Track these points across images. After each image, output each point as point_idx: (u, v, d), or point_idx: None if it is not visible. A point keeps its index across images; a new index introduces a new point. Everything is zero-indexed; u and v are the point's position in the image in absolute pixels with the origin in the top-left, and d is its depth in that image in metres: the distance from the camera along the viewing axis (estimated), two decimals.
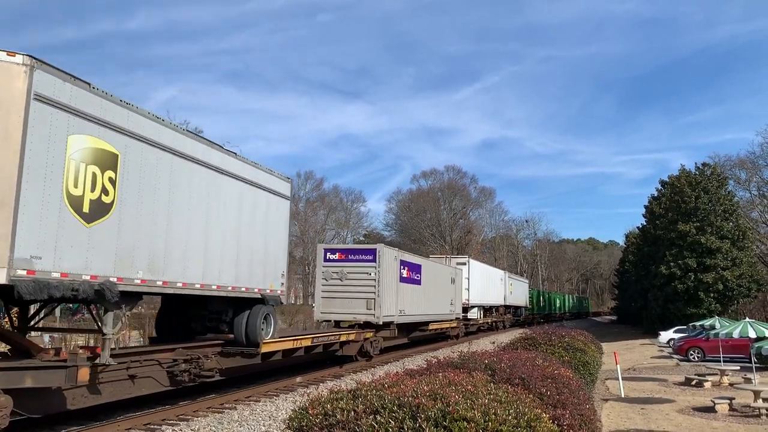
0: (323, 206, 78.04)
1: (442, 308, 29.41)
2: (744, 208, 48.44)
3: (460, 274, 34.42)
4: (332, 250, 22.06)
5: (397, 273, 22.72)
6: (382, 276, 21.01)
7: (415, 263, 25.72)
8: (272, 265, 14.98)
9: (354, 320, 21.10)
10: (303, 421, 4.98)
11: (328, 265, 21.62)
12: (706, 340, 26.25)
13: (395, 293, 22.41)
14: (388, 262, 21.77)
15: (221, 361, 13.33)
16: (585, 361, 13.06)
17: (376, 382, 5.72)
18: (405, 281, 23.79)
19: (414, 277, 25.03)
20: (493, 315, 44.48)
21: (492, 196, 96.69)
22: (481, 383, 5.78)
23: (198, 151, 12.07)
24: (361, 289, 20.95)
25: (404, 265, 23.84)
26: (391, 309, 21.71)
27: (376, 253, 21.17)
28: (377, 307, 20.69)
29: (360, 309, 20.83)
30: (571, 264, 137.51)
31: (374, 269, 20.93)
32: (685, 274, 39.09)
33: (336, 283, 21.32)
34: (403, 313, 23.14)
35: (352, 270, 21.19)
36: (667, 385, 18.64)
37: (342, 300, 21.18)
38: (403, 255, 24.49)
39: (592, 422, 6.53)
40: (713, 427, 12.12)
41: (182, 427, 10.88)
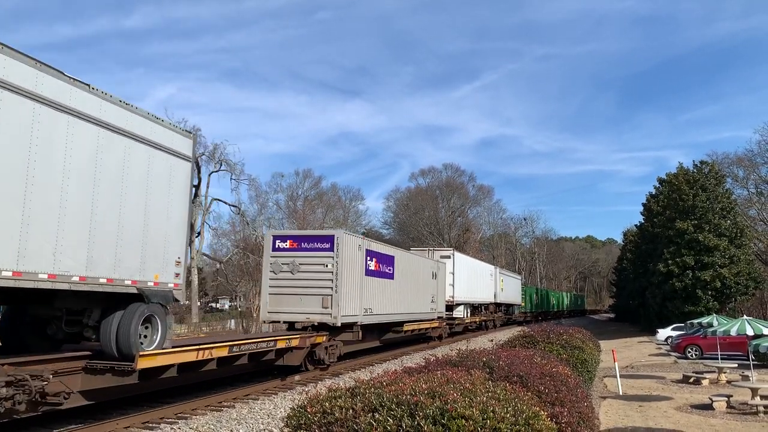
0: (321, 204, 77.97)
1: (420, 306, 26.48)
2: (742, 205, 48.49)
3: (444, 268, 31.15)
4: (282, 237, 18.86)
5: (362, 265, 19.52)
6: (342, 268, 17.89)
7: (386, 254, 22.43)
8: (158, 248, 11.12)
9: (307, 321, 18.01)
10: (302, 420, 4.98)
11: (278, 255, 18.46)
12: (703, 338, 26.31)
13: (359, 289, 19.25)
14: (350, 252, 18.68)
15: (86, 380, 10.11)
16: (583, 359, 13.07)
17: (375, 381, 5.72)
18: (373, 275, 20.56)
19: (385, 270, 21.88)
20: (482, 313, 41.72)
21: (490, 194, 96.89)
22: (480, 381, 5.79)
23: (12, 75, 8.27)
24: (315, 284, 17.83)
25: (371, 256, 20.58)
26: (353, 307, 18.69)
27: (333, 241, 17.98)
28: (334, 305, 17.54)
29: (314, 308, 17.72)
30: (569, 262, 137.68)
31: (332, 260, 17.77)
32: (683, 272, 39.14)
33: (286, 277, 18.17)
34: (370, 312, 20.06)
35: (306, 261, 18.08)
36: (665, 383, 18.68)
37: (293, 297, 17.98)
38: (371, 244, 21.10)
39: (590, 420, 6.54)
40: (711, 425, 12.15)
41: (181, 425, 10.88)
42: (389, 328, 23.47)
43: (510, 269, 73.28)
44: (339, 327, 17.92)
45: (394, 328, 23.65)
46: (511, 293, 51.85)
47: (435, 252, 33.38)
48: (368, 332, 21.04)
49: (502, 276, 47.45)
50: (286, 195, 77.07)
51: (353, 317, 18.75)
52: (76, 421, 10.87)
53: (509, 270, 65.39)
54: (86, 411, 11.35)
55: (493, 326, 44.62)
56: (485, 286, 41.32)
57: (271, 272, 18.42)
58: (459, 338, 33.96)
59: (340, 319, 17.68)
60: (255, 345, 14.43)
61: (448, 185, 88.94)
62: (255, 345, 14.43)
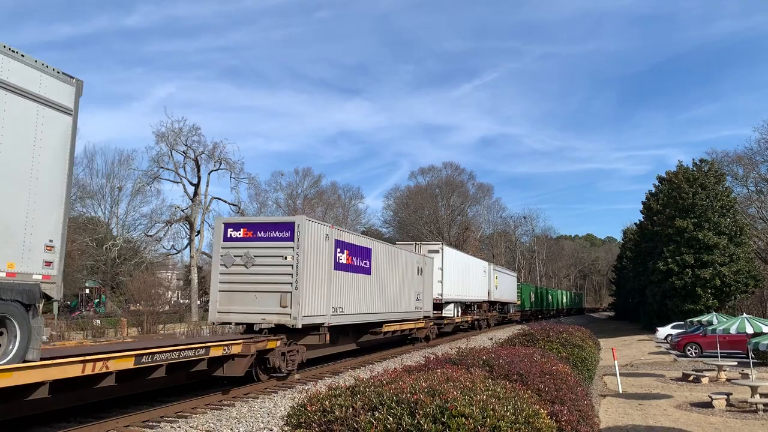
0: (321, 203, 77.98)
1: (404, 305, 24.13)
2: (741, 204, 48.48)
3: (431, 263, 28.73)
4: (235, 225, 16.64)
5: (330, 257, 17.33)
6: (305, 260, 15.65)
7: (361, 246, 20.01)
8: (12, 226, 8.27)
9: (263, 322, 15.79)
10: (301, 418, 4.98)
11: (230, 246, 16.22)
12: (703, 336, 26.30)
13: (327, 285, 17.00)
14: (315, 242, 16.45)
15: None
16: (583, 357, 13.09)
17: (375, 379, 5.72)
18: (344, 269, 18.34)
19: (360, 264, 19.60)
20: (475, 312, 39.46)
21: (490, 192, 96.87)
22: (479, 379, 5.79)
23: None
24: (272, 279, 15.59)
25: (342, 248, 18.30)
26: (319, 306, 16.47)
27: (294, 229, 15.71)
28: (294, 303, 15.23)
29: (271, 307, 15.45)
30: (568, 260, 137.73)
31: (292, 251, 15.53)
32: (683, 270, 39.16)
33: (239, 271, 15.92)
34: (340, 311, 17.84)
35: (262, 252, 15.83)
36: (664, 381, 18.69)
37: (247, 294, 15.76)
38: (341, 233, 18.64)
39: (590, 418, 6.54)
40: (711, 423, 12.16)
41: (181, 424, 10.88)
42: (367, 330, 21.20)
43: (509, 267, 73.25)
44: (300, 329, 15.63)
45: (373, 329, 21.32)
46: (507, 291, 49.81)
47: (422, 246, 30.82)
48: (341, 334, 19.17)
49: (496, 273, 45.52)
50: (286, 194, 77.13)
51: (319, 317, 16.52)
52: (76, 419, 10.88)
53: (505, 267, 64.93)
54: (86, 410, 11.36)
55: (487, 326, 43.04)
56: (478, 284, 39.16)
57: (222, 266, 16.13)
58: (449, 339, 32.14)
59: (301, 320, 15.34)
60: (176, 353, 11.52)
61: (447, 184, 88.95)
62: (176, 353, 11.52)
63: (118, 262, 55.25)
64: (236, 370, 13.77)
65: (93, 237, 52.72)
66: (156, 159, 52.03)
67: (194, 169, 53.43)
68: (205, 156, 52.78)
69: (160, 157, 52.09)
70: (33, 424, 10.20)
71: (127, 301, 48.02)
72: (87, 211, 58.90)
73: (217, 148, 53.04)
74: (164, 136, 51.07)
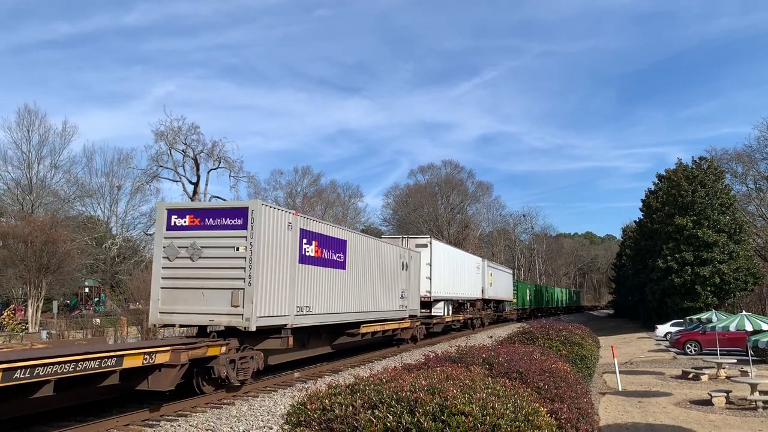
0: (320, 202, 78.05)
1: (386, 303, 22.16)
2: (741, 201, 48.49)
3: (418, 258, 26.78)
4: (180, 212, 14.46)
5: (294, 249, 15.29)
6: (261, 252, 13.67)
7: (334, 237, 17.90)
8: None
9: (211, 324, 14.07)
10: (301, 416, 4.98)
11: (174, 236, 14.22)
12: (703, 334, 26.32)
13: (289, 281, 14.99)
14: (274, 231, 14.45)
15: None
16: (582, 355, 13.10)
17: (374, 377, 5.72)
18: (312, 263, 16.28)
19: (331, 257, 17.61)
20: (467, 311, 37.63)
21: (489, 190, 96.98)
22: (479, 377, 5.80)
23: None
24: (222, 274, 13.65)
25: (310, 238, 16.26)
26: (279, 305, 14.49)
27: (247, 215, 13.74)
28: (247, 302, 13.28)
29: (220, 306, 13.51)
30: (568, 258, 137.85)
31: (244, 241, 13.60)
32: (682, 268, 39.18)
33: (184, 265, 13.97)
34: (307, 311, 15.87)
35: (211, 243, 13.88)
36: (664, 379, 18.70)
37: (193, 292, 13.77)
38: (309, 222, 16.46)
39: (589, 416, 6.55)
40: (710, 420, 12.17)
41: (180, 422, 10.89)
42: (343, 331, 19.31)
43: (508, 265, 73.14)
44: (255, 332, 13.70)
45: (350, 330, 19.40)
46: (502, 288, 47.85)
47: (409, 240, 28.81)
48: (312, 336, 17.60)
49: (490, 269, 43.62)
50: (285, 192, 77.19)
51: (278, 318, 14.49)
52: (76, 418, 10.89)
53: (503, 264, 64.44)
54: (87, 409, 11.37)
55: (481, 325, 41.15)
56: (471, 280, 37.17)
57: (165, 258, 14.18)
58: (439, 339, 30.40)
59: (255, 322, 13.36)
60: (71, 365, 9.29)
61: (447, 182, 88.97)
62: (71, 365, 9.29)
63: (118, 261, 55.27)
64: (163, 383, 11.54)
65: (92, 236, 52.71)
66: (155, 158, 52.11)
67: (193, 167, 53.51)
68: (205, 155, 52.85)
69: (159, 155, 52.16)
70: (33, 423, 10.20)
71: (127, 300, 48.03)
72: (86, 210, 59.00)
73: (217, 147, 53.10)
74: (163, 134, 51.14)
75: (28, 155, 51.56)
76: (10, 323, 32.92)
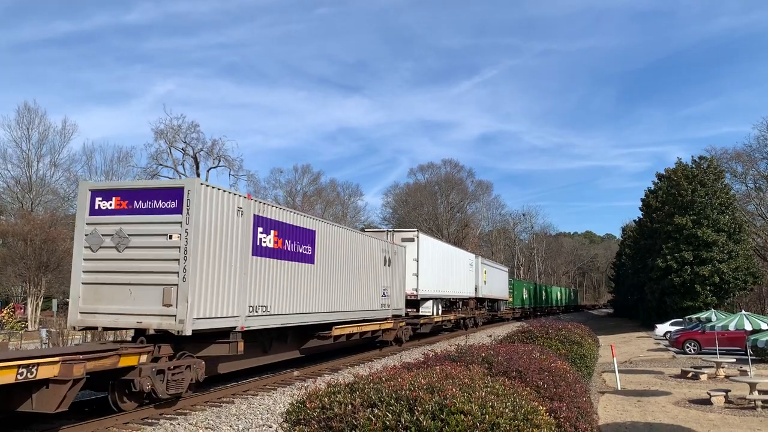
0: (320, 200, 78.10)
1: (364, 302, 20.21)
2: (740, 201, 48.55)
3: (402, 253, 24.78)
4: (105, 193, 12.25)
5: (246, 238, 13.21)
6: (200, 240, 11.58)
7: (300, 227, 15.74)
8: None
9: (139, 326, 11.57)
10: (300, 415, 4.98)
11: (98, 221, 12.07)
12: (702, 333, 26.34)
13: (239, 276, 12.85)
14: (219, 216, 12.30)
15: None
16: (582, 354, 13.10)
17: (374, 376, 5.72)
18: (270, 255, 14.19)
19: (296, 249, 15.52)
20: (460, 310, 35.80)
21: (489, 189, 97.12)
22: (478, 376, 5.79)
23: None
24: (153, 267, 11.55)
25: (268, 227, 14.13)
26: (223, 304, 12.26)
27: (182, 197, 11.58)
28: (181, 300, 11.19)
29: (150, 305, 11.41)
30: (568, 257, 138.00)
31: (179, 227, 11.48)
32: (682, 267, 39.20)
33: (110, 256, 11.86)
34: (264, 311, 13.81)
35: (140, 230, 11.77)
36: (663, 378, 18.72)
37: (120, 288, 11.66)
38: (266, 208, 14.27)
39: (588, 415, 6.55)
40: (709, 419, 12.18)
41: (180, 421, 10.89)
42: (313, 333, 17.42)
43: (508, 264, 73.13)
44: (195, 336, 11.61)
45: (321, 332, 17.49)
46: (497, 287, 46.10)
47: (395, 233, 26.99)
48: (276, 340, 15.76)
49: (485, 267, 41.80)
50: (285, 191, 77.23)
51: (225, 320, 12.36)
52: (76, 416, 10.89)
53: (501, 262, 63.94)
54: (85, 406, 11.37)
55: (474, 325, 39.52)
56: (463, 278, 35.32)
57: (87, 248, 12.06)
58: (427, 341, 28.49)
59: (192, 324, 11.21)
60: None
61: (447, 181, 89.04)
62: None
63: None
64: (51, 403, 9.02)
65: None
66: (155, 156, 52.12)
67: (193, 166, 53.51)
68: (204, 153, 52.86)
69: (159, 154, 52.17)
70: (32, 421, 10.20)
71: None
72: None
73: (216, 145, 53.14)
74: (163, 133, 51.16)
75: (27, 153, 51.63)
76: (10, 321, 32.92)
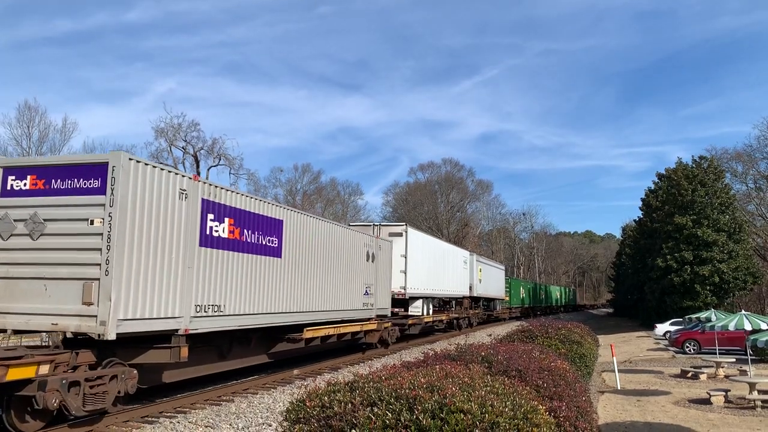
0: (320, 199, 78.15)
1: (343, 301, 18.65)
2: (740, 200, 48.56)
3: (388, 248, 23.11)
4: (20, 171, 10.45)
5: (191, 226, 11.39)
6: (128, 227, 9.81)
7: (263, 215, 13.98)
8: None
9: (55, 328, 9.63)
10: (300, 413, 4.98)
11: (10, 204, 10.32)
12: (702, 333, 26.34)
13: (181, 269, 11.04)
14: (154, 199, 10.50)
15: None
16: (581, 354, 13.10)
17: (374, 375, 5.72)
18: (223, 246, 12.40)
19: (258, 240, 13.75)
20: (453, 310, 34.37)
21: (489, 189, 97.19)
22: (478, 375, 5.80)
23: None
24: (71, 258, 9.76)
25: (221, 214, 12.35)
26: (162, 303, 10.54)
27: (106, 174, 9.74)
28: (104, 298, 9.33)
29: (68, 302, 9.57)
30: (568, 257, 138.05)
31: (102, 211, 9.64)
32: (682, 267, 39.21)
33: (22, 245, 10.11)
34: (216, 311, 12.08)
35: (57, 213, 9.99)
36: (663, 378, 18.72)
37: (33, 283, 9.86)
38: (218, 192, 12.36)
39: (588, 414, 6.55)
40: (709, 419, 12.19)
41: (180, 419, 10.89)
42: (283, 335, 15.68)
43: (508, 264, 73.09)
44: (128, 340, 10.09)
45: (291, 334, 15.77)
46: (493, 286, 44.58)
47: (382, 228, 25.22)
48: (237, 344, 14.10)
49: (480, 264, 40.12)
50: (285, 190, 77.28)
51: (163, 322, 10.55)
52: None
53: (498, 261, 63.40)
54: None
55: (469, 325, 37.86)
56: (457, 276, 33.75)
57: None
58: (417, 342, 26.88)
59: (116, 326, 9.38)
60: None
61: (447, 180, 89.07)
62: None
63: None
64: None
65: None
66: (155, 155, 52.06)
67: (193, 164, 53.51)
68: (205, 152, 52.85)
69: (159, 152, 52.13)
70: None
71: None
72: None
73: (217, 144, 53.13)
74: (163, 131, 51.14)
75: (28, 151, 51.58)
76: None
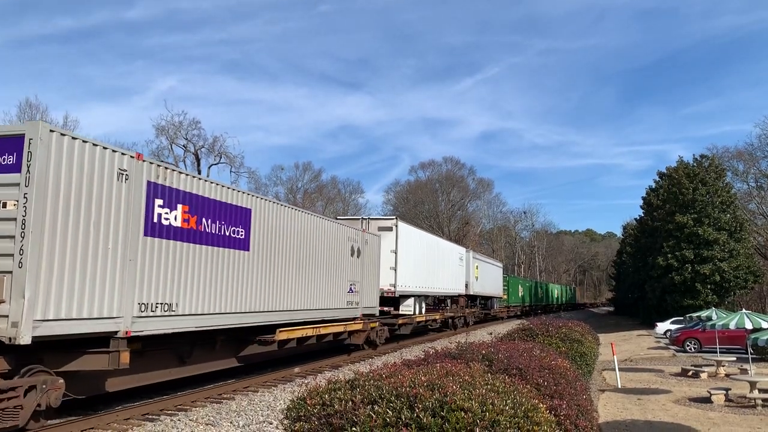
0: (321, 198, 78.14)
1: (324, 299, 17.35)
2: (741, 199, 48.52)
3: (376, 243, 21.82)
4: None
5: (133, 212, 10.03)
6: (48, 209, 8.38)
7: (226, 202, 12.64)
8: None
9: None
10: (301, 411, 4.98)
11: None
12: (702, 332, 26.34)
13: (120, 262, 9.68)
14: (82, 178, 9.00)
15: None
16: (582, 352, 13.11)
17: (374, 373, 5.73)
18: (177, 237, 11.10)
19: (221, 231, 12.42)
20: (448, 309, 33.19)
21: (490, 187, 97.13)
22: (479, 374, 5.80)
23: None
24: None
25: (171, 199, 11.02)
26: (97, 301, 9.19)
27: (22, 149, 8.26)
28: (17, 294, 8.00)
29: None
30: (568, 255, 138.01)
31: (17, 191, 8.24)
32: (683, 266, 39.19)
33: None
34: (167, 310, 10.76)
35: None
36: (663, 376, 18.72)
37: None
38: (168, 174, 11.02)
39: (588, 413, 6.55)
40: (709, 418, 12.19)
41: (180, 417, 10.91)
42: (253, 338, 14.29)
43: (509, 262, 73.06)
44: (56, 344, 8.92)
45: (263, 336, 14.35)
46: (490, 284, 43.40)
47: (371, 222, 23.89)
48: (200, 347, 12.73)
49: (476, 261, 38.80)
50: (286, 188, 77.28)
51: (98, 323, 9.23)
52: (77, 412, 10.91)
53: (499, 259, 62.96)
54: (86, 404, 11.39)
55: (464, 324, 36.40)
56: (452, 273, 32.51)
57: None
58: (407, 343, 25.54)
59: (31, 329, 8.06)
60: None
61: (448, 178, 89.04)
62: None
63: None
64: None
65: None
66: (156, 153, 52.08)
67: (194, 162, 53.55)
68: (206, 150, 52.88)
69: (160, 150, 52.16)
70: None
71: None
72: None
73: (218, 142, 53.16)
74: (164, 129, 51.17)
75: None
76: None
